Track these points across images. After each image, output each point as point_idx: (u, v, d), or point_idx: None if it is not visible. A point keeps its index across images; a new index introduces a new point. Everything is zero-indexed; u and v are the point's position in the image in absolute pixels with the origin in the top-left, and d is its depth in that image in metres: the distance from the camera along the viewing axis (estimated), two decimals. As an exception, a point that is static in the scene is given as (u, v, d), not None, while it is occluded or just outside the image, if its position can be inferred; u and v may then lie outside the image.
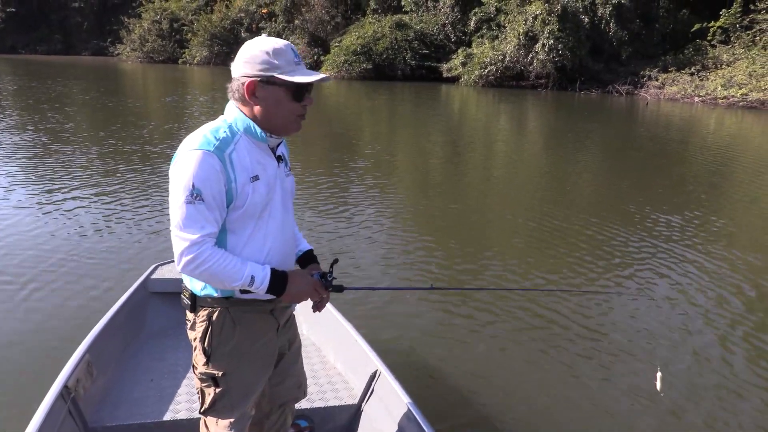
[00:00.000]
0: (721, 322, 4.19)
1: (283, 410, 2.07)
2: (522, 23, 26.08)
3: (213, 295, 1.74)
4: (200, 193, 1.56)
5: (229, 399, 1.80)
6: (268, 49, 1.62)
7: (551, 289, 4.55)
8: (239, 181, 1.63)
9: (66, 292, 4.34)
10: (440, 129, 14.96)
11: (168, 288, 3.35)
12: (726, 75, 22.53)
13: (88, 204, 6.66)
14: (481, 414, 3.05)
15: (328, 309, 3.06)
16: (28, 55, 57.21)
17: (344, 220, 6.39)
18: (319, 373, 2.90)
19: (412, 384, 2.61)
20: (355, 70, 30.75)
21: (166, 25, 48.33)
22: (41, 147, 9.98)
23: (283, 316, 1.91)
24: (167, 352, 3.04)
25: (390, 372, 2.54)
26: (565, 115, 19.23)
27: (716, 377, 3.48)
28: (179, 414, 2.50)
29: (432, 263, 5.19)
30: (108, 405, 2.53)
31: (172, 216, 1.60)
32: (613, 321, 4.16)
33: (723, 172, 9.97)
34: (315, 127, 13.48)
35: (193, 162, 1.57)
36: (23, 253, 5.08)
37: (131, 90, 24.82)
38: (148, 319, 3.29)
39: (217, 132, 1.64)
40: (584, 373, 3.48)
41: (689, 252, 5.64)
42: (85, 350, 2.54)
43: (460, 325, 4.02)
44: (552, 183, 8.92)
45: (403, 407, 2.34)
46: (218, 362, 1.76)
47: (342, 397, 2.69)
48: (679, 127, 16.34)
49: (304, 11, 38.04)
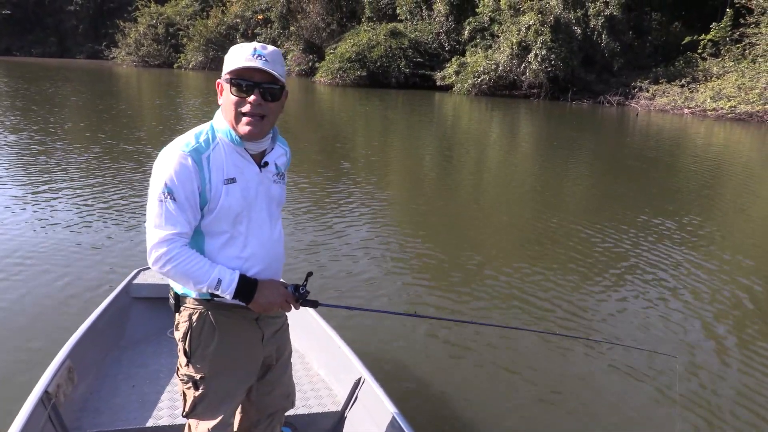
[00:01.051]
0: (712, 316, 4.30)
1: (272, 420, 2.06)
2: (515, 33, 26.31)
3: (191, 296, 1.75)
4: (172, 192, 1.59)
5: (209, 403, 1.80)
6: (232, 50, 1.67)
7: (536, 330, 4.13)
8: (213, 183, 1.65)
9: (47, 296, 4.27)
10: (432, 135, 15.06)
11: (151, 293, 3.33)
12: (715, 87, 22.78)
13: (68, 207, 6.57)
14: (466, 423, 3.03)
15: (312, 316, 3.05)
16: (22, 58, 57.06)
17: (326, 228, 6.29)
18: (303, 379, 2.87)
19: (397, 391, 2.60)
20: (349, 77, 30.91)
21: (162, 29, 48.41)
22: (24, 147, 9.98)
23: (270, 326, 1.89)
24: (149, 358, 3.01)
25: (374, 379, 2.52)
26: (555, 124, 19.39)
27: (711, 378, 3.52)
28: (161, 420, 2.48)
29: (420, 278, 5.03)
30: (89, 411, 2.50)
31: (148, 212, 1.64)
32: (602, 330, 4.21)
33: (712, 185, 10.09)
34: (308, 131, 13.52)
35: (169, 162, 1.60)
36: (2, 255, 5.02)
37: (124, 93, 24.83)
38: (130, 325, 3.25)
39: (200, 135, 1.67)
40: (571, 387, 3.42)
41: (681, 258, 5.70)
42: (66, 355, 2.51)
43: (445, 334, 3.99)
44: (542, 190, 9.00)
45: (387, 414, 2.32)
46: (198, 364, 1.77)
47: (325, 404, 2.68)
48: (668, 138, 16.51)
49: (300, 18, 38.22)
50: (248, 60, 1.61)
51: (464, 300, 4.58)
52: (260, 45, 1.66)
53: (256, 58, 1.62)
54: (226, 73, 1.64)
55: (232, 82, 1.63)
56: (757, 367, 3.71)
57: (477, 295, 4.70)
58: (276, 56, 1.67)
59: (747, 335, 4.17)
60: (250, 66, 1.60)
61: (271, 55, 1.65)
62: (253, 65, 1.60)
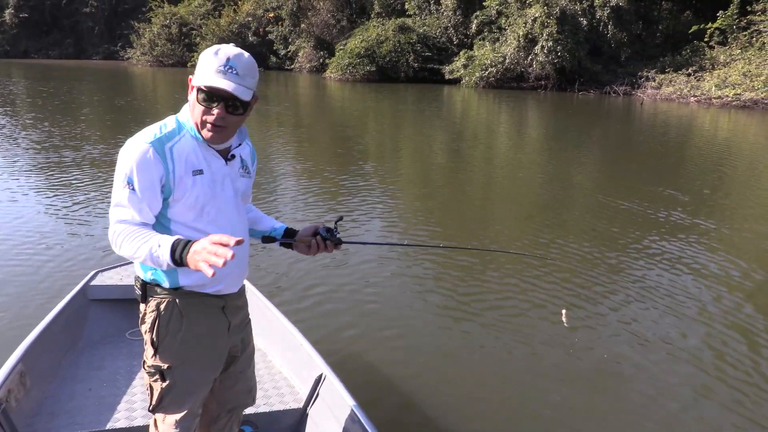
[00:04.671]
0: (719, 313, 4.33)
1: (231, 416, 2.08)
2: (522, 26, 26.59)
3: (159, 283, 1.76)
4: (132, 182, 1.63)
5: (176, 394, 1.81)
6: (209, 52, 1.66)
7: (517, 253, 4.75)
8: (177, 173, 1.67)
9: (1, 298, 4.20)
10: (441, 127, 15.53)
11: (108, 295, 3.30)
12: (721, 75, 22.92)
13: (22, 206, 6.47)
14: (427, 416, 3.07)
15: (273, 313, 3.07)
16: (40, 60, 58.28)
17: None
18: (264, 377, 2.85)
19: (358, 387, 2.64)
20: (359, 72, 31.40)
21: (176, 29, 49.16)
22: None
23: (236, 315, 1.92)
24: (106, 360, 2.97)
25: (335, 375, 2.53)
26: (560, 114, 19.70)
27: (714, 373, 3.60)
28: (118, 423, 2.45)
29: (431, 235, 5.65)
30: (43, 415, 2.46)
31: (112, 200, 1.69)
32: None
33: (720, 170, 10.42)
34: (320, 125, 13.99)
35: (131, 153, 1.64)
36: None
37: (140, 90, 25.53)
38: (87, 327, 3.20)
39: (165, 126, 1.71)
40: (540, 382, 3.43)
41: (687, 248, 5.71)
42: (17, 360, 2.47)
43: (406, 328, 4.03)
44: (547, 178, 9.41)
45: (349, 410, 2.34)
46: (165, 354, 1.78)
47: (287, 402, 2.66)
48: (673, 125, 16.78)
49: (311, 15, 38.76)
50: (218, 73, 1.61)
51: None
52: (234, 53, 1.64)
53: (227, 71, 1.62)
54: (196, 81, 1.66)
55: (199, 90, 1.65)
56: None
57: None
58: (248, 67, 1.66)
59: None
60: (217, 87, 1.61)
61: (244, 67, 1.64)
62: (219, 86, 1.61)
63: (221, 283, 1.81)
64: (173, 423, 1.82)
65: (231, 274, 1.83)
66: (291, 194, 7.64)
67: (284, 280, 4.70)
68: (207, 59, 1.64)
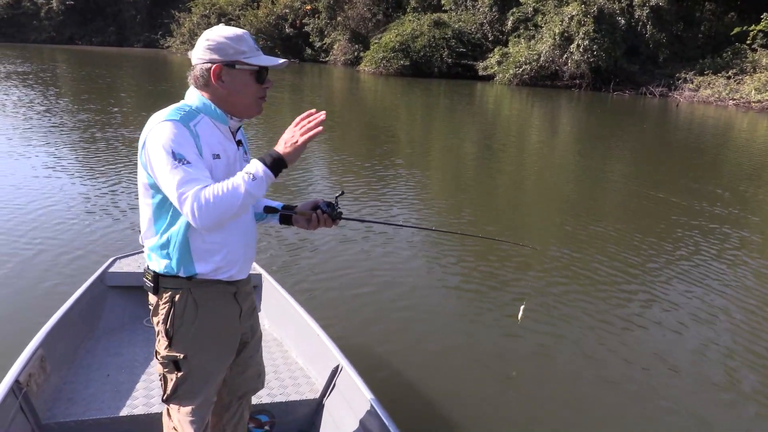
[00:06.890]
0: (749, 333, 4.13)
1: (242, 402, 2.09)
2: (558, 23, 26.41)
3: (173, 273, 1.74)
4: (183, 156, 1.58)
5: (191, 384, 1.80)
6: (231, 35, 1.70)
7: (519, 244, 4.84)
8: (204, 153, 1.66)
9: (20, 284, 4.19)
10: (473, 123, 15.64)
11: (126, 282, 3.31)
12: (762, 79, 22.43)
13: (44, 193, 6.36)
14: (444, 409, 3.05)
15: (290, 303, 3.09)
16: (84, 47, 59.96)
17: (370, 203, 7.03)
18: (281, 367, 2.86)
19: (375, 379, 2.61)
20: (392, 66, 31.62)
21: (215, 19, 49.96)
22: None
23: (246, 301, 1.93)
24: (124, 347, 2.98)
25: (352, 367, 2.53)
26: (596, 115, 19.55)
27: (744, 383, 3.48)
28: (136, 409, 2.45)
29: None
30: (62, 401, 2.47)
31: (168, 187, 1.59)
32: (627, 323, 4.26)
33: (756, 175, 10.26)
34: (354, 118, 14.21)
35: (166, 132, 1.60)
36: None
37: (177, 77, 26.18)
38: (105, 314, 3.22)
39: (180, 110, 1.69)
40: (556, 376, 3.41)
41: (718, 260, 5.48)
42: (38, 344, 2.49)
43: (424, 321, 4.00)
44: (580, 181, 9.45)
45: (365, 402, 2.33)
46: (180, 344, 1.77)
47: (303, 392, 2.66)
48: (709, 129, 16.56)
49: (347, 8, 39.06)
50: (259, 52, 1.75)
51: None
52: (247, 32, 1.76)
53: (258, 50, 1.77)
54: (248, 64, 1.71)
55: (256, 77, 1.74)
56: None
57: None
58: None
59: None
60: (271, 65, 1.74)
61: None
62: (271, 64, 1.74)
63: (234, 268, 1.80)
64: (189, 412, 1.82)
65: (243, 258, 1.84)
66: (318, 176, 7.97)
67: (303, 271, 4.63)
68: (237, 43, 1.70)
